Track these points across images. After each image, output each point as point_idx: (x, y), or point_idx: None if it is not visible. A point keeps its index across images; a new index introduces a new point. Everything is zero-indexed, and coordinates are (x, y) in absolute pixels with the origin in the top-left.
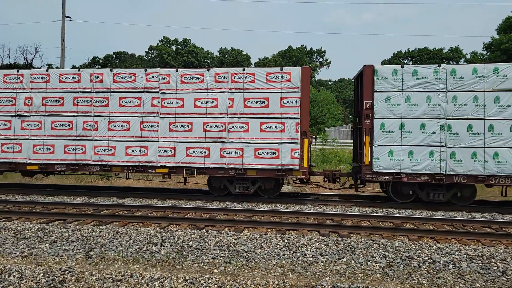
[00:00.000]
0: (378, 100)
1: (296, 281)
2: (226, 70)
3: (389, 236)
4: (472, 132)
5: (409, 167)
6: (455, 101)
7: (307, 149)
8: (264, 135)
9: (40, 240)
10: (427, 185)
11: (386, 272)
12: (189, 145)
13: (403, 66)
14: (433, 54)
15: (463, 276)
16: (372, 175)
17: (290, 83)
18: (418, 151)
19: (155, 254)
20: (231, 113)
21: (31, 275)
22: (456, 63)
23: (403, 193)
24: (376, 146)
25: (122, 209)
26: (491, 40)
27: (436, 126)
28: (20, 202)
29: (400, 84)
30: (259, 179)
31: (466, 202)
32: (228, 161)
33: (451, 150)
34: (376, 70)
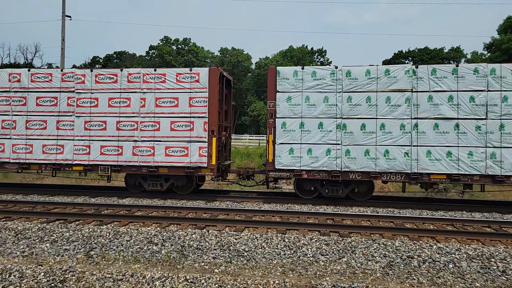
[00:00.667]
0: (280, 100)
1: (296, 281)
2: (138, 71)
3: (389, 235)
4: (365, 130)
5: (308, 164)
6: (350, 101)
7: (215, 147)
8: (174, 133)
9: (41, 239)
10: (327, 181)
11: (387, 272)
12: (103, 144)
13: (303, 67)
14: (434, 54)
15: (463, 276)
16: (275, 172)
17: (198, 84)
18: (317, 149)
19: (155, 254)
20: (143, 113)
21: (32, 275)
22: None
23: (305, 189)
24: (278, 144)
25: (122, 209)
26: (491, 41)
27: (333, 125)
28: (20, 202)
29: (301, 85)
30: (171, 176)
31: (364, 198)
32: (140, 159)
33: (346, 148)
34: (278, 71)
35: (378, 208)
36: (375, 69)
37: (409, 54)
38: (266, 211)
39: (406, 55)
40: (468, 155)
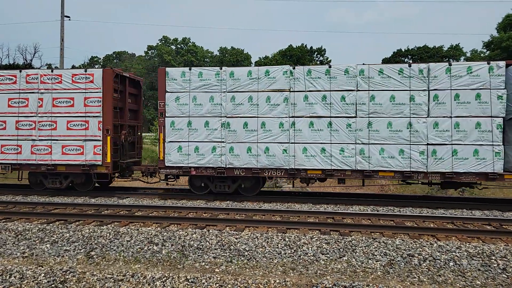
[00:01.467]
0: (169, 100)
1: (297, 280)
2: (36, 72)
3: (390, 234)
4: (247, 129)
5: (195, 162)
6: (234, 101)
7: (110, 146)
8: (70, 132)
9: (41, 240)
10: (215, 177)
11: (387, 270)
12: (3, 143)
13: (191, 68)
14: (433, 53)
15: (464, 274)
16: (165, 169)
17: (93, 84)
18: (203, 146)
19: (156, 254)
20: (40, 112)
21: (32, 276)
22: (457, 61)
23: (197, 185)
24: (167, 142)
25: (123, 209)
26: (490, 39)
27: (218, 124)
28: (20, 203)
29: (188, 85)
30: (70, 174)
31: (252, 193)
32: (38, 157)
33: (230, 146)
34: (167, 72)
35: (378, 207)
36: (256, 70)
37: (408, 52)
38: (266, 211)
39: (406, 54)
40: (340, 151)
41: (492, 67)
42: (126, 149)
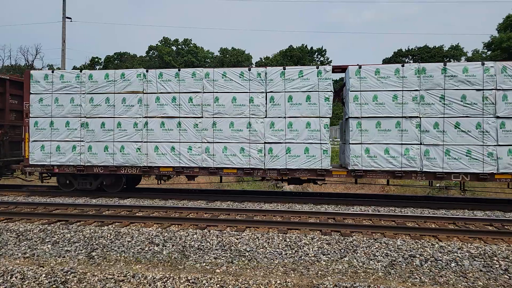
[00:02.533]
0: (33, 101)
1: (298, 281)
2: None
3: (391, 234)
4: (104, 128)
5: (57, 160)
6: (92, 102)
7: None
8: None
9: (42, 241)
10: (78, 175)
11: (388, 271)
12: None
13: (53, 71)
14: (434, 53)
15: (465, 274)
16: (30, 167)
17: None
18: (64, 145)
19: (157, 255)
20: None
21: (33, 276)
22: (458, 61)
23: (61, 183)
24: (31, 141)
25: (123, 209)
26: (490, 40)
27: (78, 124)
28: (21, 203)
29: (51, 87)
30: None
31: (114, 190)
32: None
33: (88, 144)
34: (31, 75)
35: (379, 207)
36: (113, 73)
37: (409, 52)
38: (267, 211)
39: (406, 54)
40: (188, 149)
41: (321, 71)
42: (5, 148)
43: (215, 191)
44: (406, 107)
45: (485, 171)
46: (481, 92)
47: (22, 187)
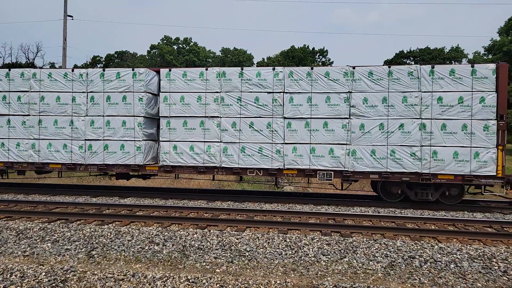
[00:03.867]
0: None
1: (298, 281)
2: None
3: (391, 235)
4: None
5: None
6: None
7: None
8: None
9: (42, 239)
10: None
11: (388, 272)
12: None
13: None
14: (435, 54)
15: (465, 276)
16: None
17: None
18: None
19: (157, 254)
20: None
21: (33, 275)
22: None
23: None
24: None
25: (124, 208)
26: (490, 43)
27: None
28: (22, 202)
29: None
30: None
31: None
32: None
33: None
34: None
35: (379, 208)
36: None
37: (411, 54)
38: (267, 211)
39: (408, 55)
40: (16, 145)
41: (135, 73)
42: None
43: (216, 191)
44: (209, 107)
45: (274, 166)
46: (271, 94)
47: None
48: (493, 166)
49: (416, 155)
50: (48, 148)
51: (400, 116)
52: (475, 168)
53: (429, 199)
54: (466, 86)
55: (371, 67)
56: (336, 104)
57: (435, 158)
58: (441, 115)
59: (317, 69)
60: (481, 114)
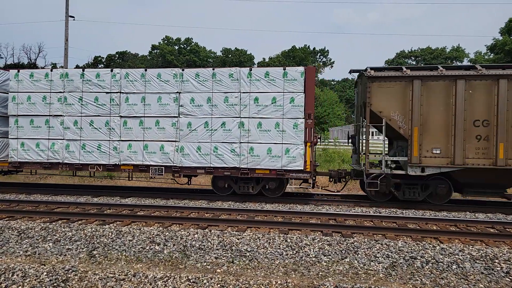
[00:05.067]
0: None
1: (299, 281)
2: None
3: (392, 236)
4: None
5: None
6: None
7: None
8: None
9: (44, 239)
10: None
11: (389, 272)
12: None
13: None
14: (436, 54)
15: (467, 277)
16: None
17: None
18: None
19: (158, 254)
20: None
21: (35, 274)
22: (460, 63)
23: None
24: None
25: (125, 208)
26: (493, 42)
27: None
28: (23, 202)
29: None
30: None
31: None
32: None
33: None
34: None
35: (381, 208)
36: None
37: (412, 54)
38: (268, 211)
39: (409, 55)
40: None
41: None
42: None
43: None
44: (53, 106)
45: (111, 162)
46: (109, 94)
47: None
48: (301, 161)
49: (236, 151)
50: None
51: (222, 115)
52: (286, 163)
53: (251, 192)
54: (278, 88)
55: (198, 69)
56: (166, 104)
57: (252, 154)
58: (257, 114)
59: (150, 70)
60: (291, 113)
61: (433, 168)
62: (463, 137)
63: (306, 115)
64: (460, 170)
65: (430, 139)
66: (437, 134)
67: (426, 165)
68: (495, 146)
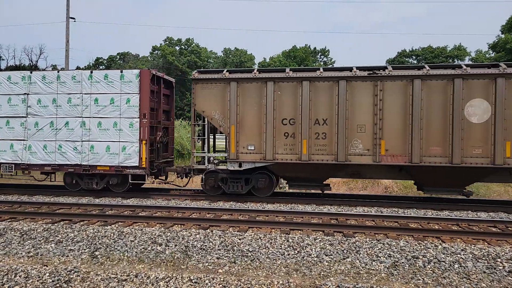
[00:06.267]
0: None
1: (300, 281)
2: None
3: (394, 235)
4: None
5: None
6: None
7: None
8: None
9: (46, 240)
10: None
11: (391, 272)
12: None
13: None
14: (438, 53)
15: (469, 276)
16: None
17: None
18: None
19: (160, 254)
20: None
21: (37, 275)
22: (461, 61)
23: None
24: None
25: (127, 209)
26: (495, 40)
27: None
28: (26, 203)
29: None
30: None
31: None
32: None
33: None
34: None
35: (382, 208)
36: None
37: (413, 53)
38: (270, 211)
39: (410, 54)
40: None
41: None
42: None
43: None
44: None
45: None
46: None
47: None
48: (137, 157)
49: (78, 149)
50: None
51: (66, 115)
52: (122, 160)
53: (95, 188)
54: (116, 89)
55: (44, 72)
56: (16, 105)
57: (92, 151)
58: (98, 114)
59: (0, 73)
60: (127, 113)
61: (248, 163)
62: (273, 135)
63: (142, 114)
64: (273, 165)
65: (245, 136)
66: (252, 131)
67: (243, 160)
68: (300, 143)
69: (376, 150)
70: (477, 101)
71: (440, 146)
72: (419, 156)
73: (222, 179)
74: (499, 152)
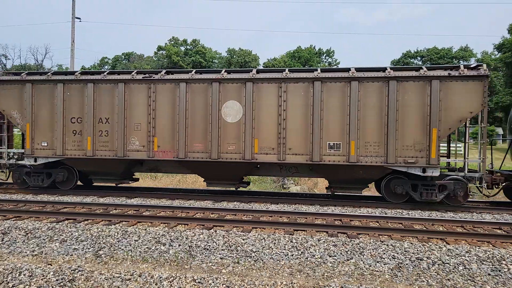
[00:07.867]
0: None
1: (304, 282)
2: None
3: (398, 237)
4: None
5: None
6: None
7: None
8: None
9: (50, 239)
10: None
11: (395, 273)
12: None
13: None
14: (443, 54)
15: (473, 278)
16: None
17: None
18: None
19: (163, 254)
20: None
21: (42, 274)
22: (467, 62)
23: None
24: None
25: (131, 208)
26: (501, 41)
27: None
28: (30, 202)
29: None
30: None
31: None
32: None
33: None
34: None
35: (386, 209)
36: None
37: (418, 54)
38: (273, 212)
39: (415, 55)
40: None
41: None
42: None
43: (222, 192)
44: None
45: None
46: None
47: None
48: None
49: None
50: None
51: None
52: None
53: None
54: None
55: None
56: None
57: None
58: None
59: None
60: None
61: (42, 158)
62: (63, 132)
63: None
64: (67, 160)
65: (40, 133)
66: (45, 129)
67: (38, 155)
68: (86, 140)
69: (150, 146)
70: (231, 103)
71: (202, 143)
72: (184, 152)
73: (26, 173)
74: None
